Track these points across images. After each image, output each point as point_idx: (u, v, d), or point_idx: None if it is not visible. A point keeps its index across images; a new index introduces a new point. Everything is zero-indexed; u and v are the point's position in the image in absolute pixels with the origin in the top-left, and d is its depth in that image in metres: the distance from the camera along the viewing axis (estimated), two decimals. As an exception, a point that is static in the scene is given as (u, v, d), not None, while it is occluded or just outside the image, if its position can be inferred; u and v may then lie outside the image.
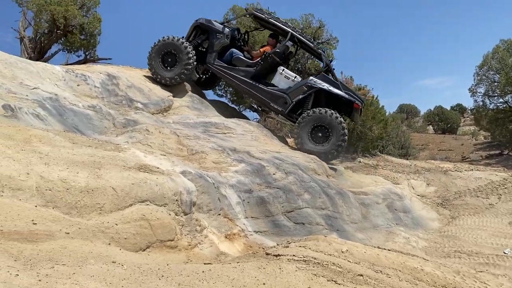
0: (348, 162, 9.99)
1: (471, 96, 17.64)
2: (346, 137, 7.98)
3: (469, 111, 26.25)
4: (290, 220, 5.40)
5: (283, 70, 8.50)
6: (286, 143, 8.77)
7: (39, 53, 13.00)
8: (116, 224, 3.30)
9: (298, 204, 5.57)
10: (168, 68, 8.29)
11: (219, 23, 8.74)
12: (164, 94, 8.18)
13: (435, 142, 21.54)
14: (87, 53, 13.73)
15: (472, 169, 10.14)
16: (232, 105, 12.52)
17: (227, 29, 8.62)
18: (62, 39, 13.10)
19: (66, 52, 13.65)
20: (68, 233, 2.97)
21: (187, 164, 5.31)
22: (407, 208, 7.51)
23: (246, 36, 9.44)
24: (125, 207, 3.52)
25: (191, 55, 8.21)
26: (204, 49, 8.82)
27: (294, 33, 8.51)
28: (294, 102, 8.22)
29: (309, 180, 6.01)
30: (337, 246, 3.60)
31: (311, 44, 8.63)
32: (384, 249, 4.29)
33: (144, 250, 3.39)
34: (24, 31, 12.90)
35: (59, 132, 4.56)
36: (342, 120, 7.96)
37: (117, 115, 6.46)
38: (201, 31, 8.80)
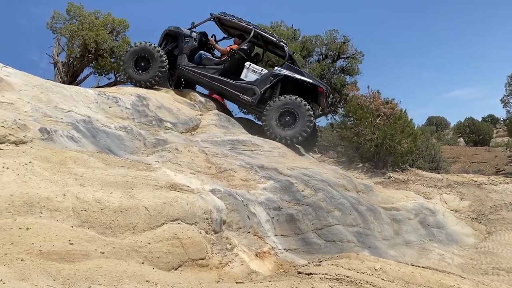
0: (378, 177, 9.84)
1: (503, 107, 17.19)
2: (312, 122, 8.25)
3: (502, 122, 25.51)
4: (320, 237, 5.35)
5: (250, 65, 8.90)
6: (313, 159, 8.74)
7: (71, 76, 13.49)
8: (149, 243, 3.35)
9: (328, 221, 5.51)
10: (141, 72, 8.58)
11: (187, 29, 9.15)
12: (192, 113, 8.32)
13: (466, 154, 20.95)
14: (117, 75, 14.16)
15: (507, 182, 9.80)
16: (258, 122, 12.58)
17: (194, 33, 9.06)
18: (94, 62, 13.58)
19: (97, 75, 14.15)
20: (103, 253, 3.04)
21: (216, 182, 5.36)
22: (441, 223, 7.32)
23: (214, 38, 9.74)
24: (157, 226, 3.58)
25: (163, 58, 8.55)
26: (175, 56, 9.20)
27: (257, 30, 8.95)
28: (262, 92, 8.58)
29: (339, 197, 5.95)
30: (370, 264, 3.54)
31: (273, 38, 9.06)
32: (419, 266, 4.19)
33: (176, 269, 3.42)
34: (57, 56, 13.44)
35: (93, 153, 4.69)
36: (310, 107, 8.25)
37: (148, 135, 6.60)
38: (172, 39, 9.24)
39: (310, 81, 8.55)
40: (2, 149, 4.14)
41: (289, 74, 8.56)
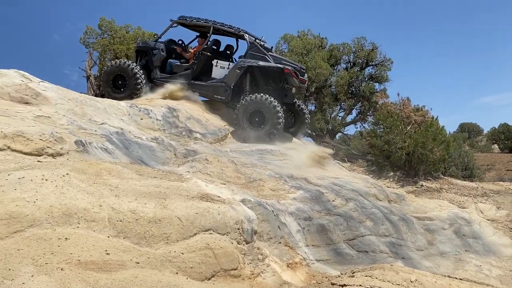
0: (409, 186, 9.65)
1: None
2: (281, 120, 8.07)
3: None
4: (352, 248, 5.27)
5: (217, 62, 8.86)
6: (343, 168, 8.65)
7: (103, 89, 13.84)
8: (182, 253, 3.38)
9: (360, 231, 5.44)
10: (120, 90, 8.71)
11: (153, 41, 9.28)
12: (221, 123, 8.40)
13: (502, 162, 20.27)
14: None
15: (547, 191, 9.44)
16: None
17: (160, 44, 9.14)
18: (124, 75, 13.88)
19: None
20: (138, 263, 3.09)
21: (246, 192, 5.37)
22: (477, 233, 7.10)
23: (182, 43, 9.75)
24: (190, 236, 3.61)
25: (137, 75, 8.64)
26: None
27: (215, 25, 8.94)
28: (232, 87, 8.48)
29: (371, 207, 5.87)
30: (405, 276, 3.47)
31: (232, 30, 8.98)
32: (455, 278, 4.08)
33: (209, 279, 3.44)
34: (90, 70, 13.83)
35: (126, 164, 4.80)
36: (276, 103, 8.08)
37: (178, 146, 6.70)
38: (144, 54, 9.30)
39: (274, 65, 8.39)
40: (40, 161, 4.29)
41: (253, 64, 8.44)
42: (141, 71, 8.82)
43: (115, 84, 8.81)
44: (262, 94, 8.19)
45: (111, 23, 13.67)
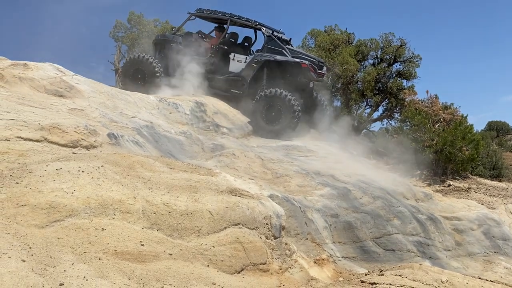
0: (437, 185, 9.50)
1: None
2: (297, 114, 8.03)
3: None
4: (379, 246, 5.26)
5: (234, 55, 8.80)
6: (369, 165, 8.58)
7: (131, 82, 14.06)
8: (213, 247, 3.44)
9: (387, 229, 5.41)
10: (140, 83, 8.71)
11: (171, 34, 9.24)
12: (247, 118, 8.45)
13: (532, 162, 19.70)
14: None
15: None
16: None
17: (178, 37, 9.09)
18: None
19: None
20: (171, 254, 3.16)
21: (273, 188, 5.41)
22: (507, 235, 6.96)
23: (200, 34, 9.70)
24: (220, 230, 3.66)
25: (153, 65, 8.62)
26: None
27: (232, 18, 8.92)
28: (249, 82, 8.44)
29: (398, 205, 5.82)
30: (436, 276, 3.44)
31: (248, 23, 8.95)
32: (487, 280, 4.02)
33: (239, 272, 3.49)
34: (118, 63, 14.09)
35: (157, 158, 4.89)
36: (292, 97, 8.02)
37: (205, 140, 6.79)
38: (162, 46, 9.27)
39: (291, 60, 8.32)
40: (75, 153, 4.41)
41: (270, 58, 8.37)
42: (158, 63, 8.82)
43: (134, 77, 8.85)
44: (277, 89, 8.12)
45: (139, 17, 13.88)
